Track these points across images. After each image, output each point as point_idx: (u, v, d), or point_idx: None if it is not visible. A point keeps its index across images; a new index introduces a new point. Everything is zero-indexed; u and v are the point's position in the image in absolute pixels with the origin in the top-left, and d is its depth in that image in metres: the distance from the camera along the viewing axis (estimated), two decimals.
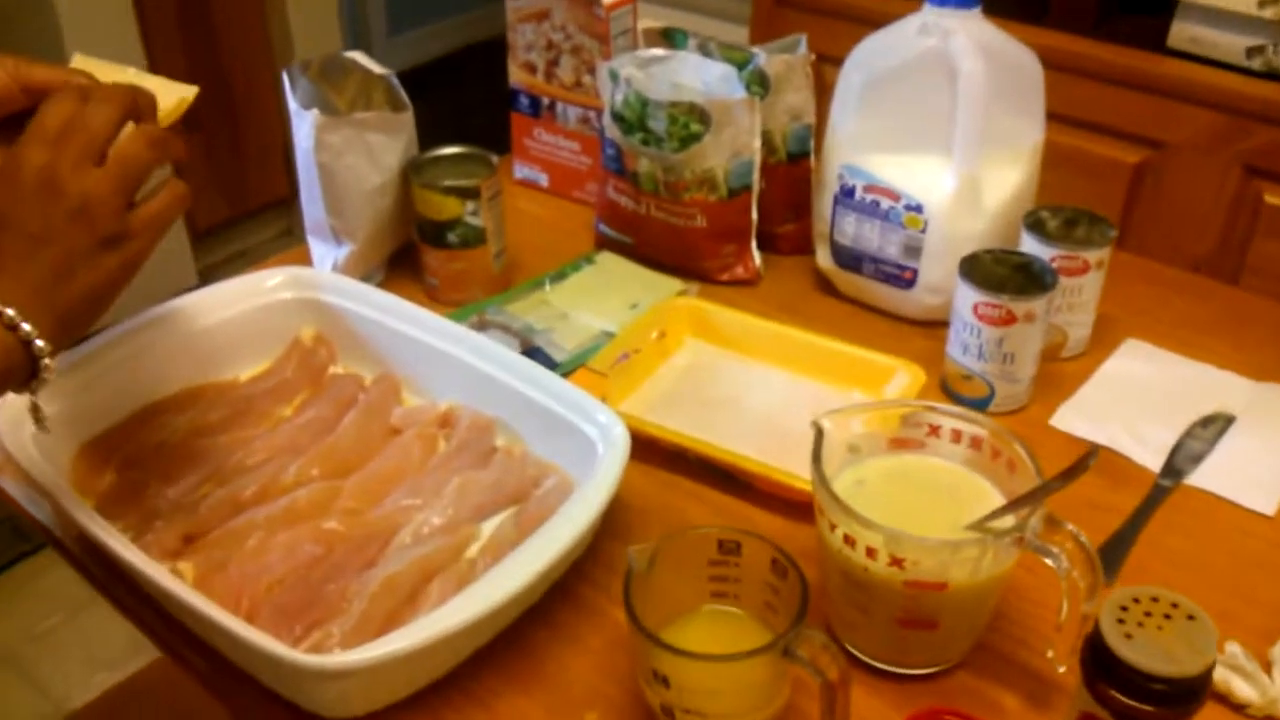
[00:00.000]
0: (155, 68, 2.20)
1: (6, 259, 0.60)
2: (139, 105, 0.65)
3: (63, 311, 0.61)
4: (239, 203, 2.53)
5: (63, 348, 0.62)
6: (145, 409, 0.86)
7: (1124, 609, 0.55)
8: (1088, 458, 0.62)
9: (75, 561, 0.79)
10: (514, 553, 0.68)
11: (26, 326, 0.59)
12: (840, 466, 0.70)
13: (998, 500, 0.68)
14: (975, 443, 0.70)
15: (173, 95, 0.70)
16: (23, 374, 0.61)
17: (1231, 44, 1.36)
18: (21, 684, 1.70)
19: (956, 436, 0.71)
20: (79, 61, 0.71)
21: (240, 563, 0.73)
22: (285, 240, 2.65)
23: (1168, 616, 0.55)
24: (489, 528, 0.78)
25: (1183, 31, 1.39)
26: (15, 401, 0.73)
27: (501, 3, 1.13)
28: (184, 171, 2.59)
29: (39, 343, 0.60)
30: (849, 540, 0.64)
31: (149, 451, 0.83)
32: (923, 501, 0.70)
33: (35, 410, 0.67)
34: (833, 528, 0.65)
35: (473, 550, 0.76)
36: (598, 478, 0.72)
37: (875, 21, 0.99)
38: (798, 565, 0.63)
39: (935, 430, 0.71)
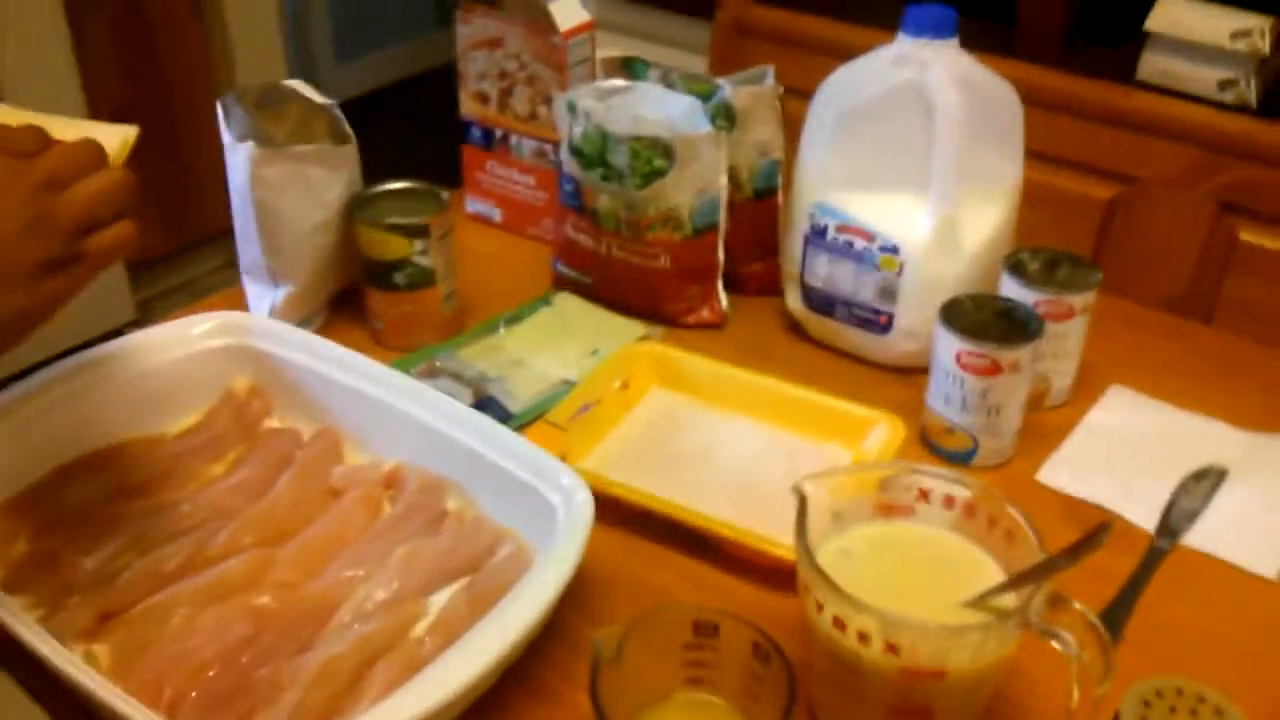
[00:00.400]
0: (91, 93, 2.14)
1: None
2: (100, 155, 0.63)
3: None
4: (179, 234, 2.44)
5: None
6: (62, 468, 0.78)
7: (1147, 704, 0.50)
8: (1099, 533, 0.56)
9: None
10: (467, 635, 0.61)
11: None
12: (824, 535, 0.64)
13: (995, 573, 0.62)
14: (969, 509, 0.65)
15: (115, 138, 0.66)
16: None
17: (1203, 77, 1.34)
18: None
19: (949, 502, 0.65)
20: (2, 114, 0.65)
21: (162, 645, 0.66)
22: (228, 273, 2.56)
23: (1194, 712, 0.50)
24: (438, 601, 0.71)
25: (1153, 63, 1.37)
26: None
27: (454, 29, 1.07)
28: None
29: None
30: (839, 623, 0.58)
31: (65, 515, 0.75)
32: (915, 575, 0.64)
33: None
34: (820, 608, 0.59)
35: (420, 628, 0.69)
36: (559, 550, 0.65)
37: (842, 53, 0.94)
38: (782, 651, 0.57)
39: (925, 495, 0.66)
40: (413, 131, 2.41)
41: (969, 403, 0.82)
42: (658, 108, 0.95)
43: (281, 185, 0.90)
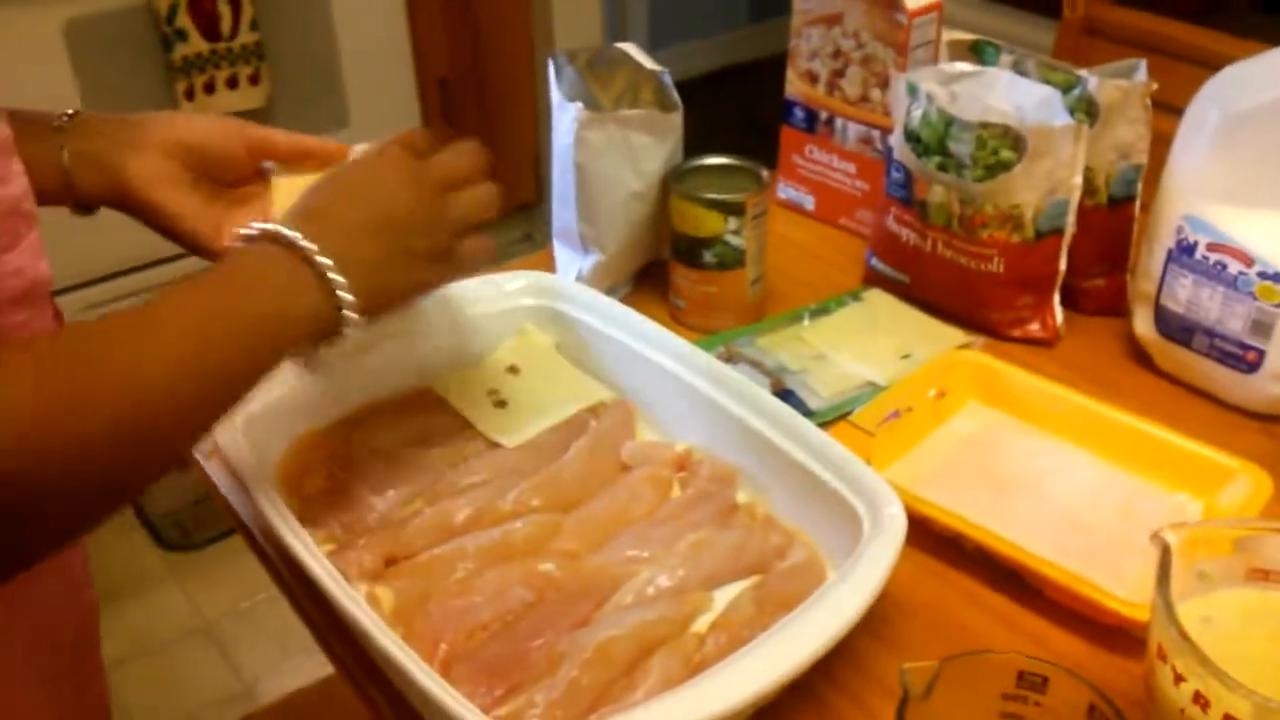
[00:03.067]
0: (419, 64, 2.23)
1: (351, 224, 0.61)
2: (483, 155, 0.69)
3: (378, 293, 0.62)
4: None
5: (364, 317, 0.62)
6: (364, 408, 0.79)
7: None
8: None
9: (268, 562, 0.73)
10: (758, 642, 0.56)
11: (340, 279, 0.59)
12: (1182, 595, 0.55)
13: None
14: None
15: None
16: (324, 327, 0.60)
17: None
18: (216, 659, 1.71)
19: None
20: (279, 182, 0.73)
21: (442, 599, 0.65)
22: (524, 246, 2.63)
23: None
24: (722, 598, 0.66)
25: None
26: None
27: (765, 24, 1.03)
28: None
29: (348, 296, 0.59)
30: (1200, 700, 0.49)
31: (363, 455, 0.76)
32: None
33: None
34: (1178, 680, 0.50)
35: (701, 623, 0.65)
36: (865, 568, 0.59)
37: (1210, 63, 0.83)
38: (1125, 718, 0.48)
39: None
40: (718, 122, 2.40)
41: None
42: (1007, 96, 0.86)
43: (603, 149, 0.87)
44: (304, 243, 0.58)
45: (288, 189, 0.70)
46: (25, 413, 0.47)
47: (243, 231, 0.60)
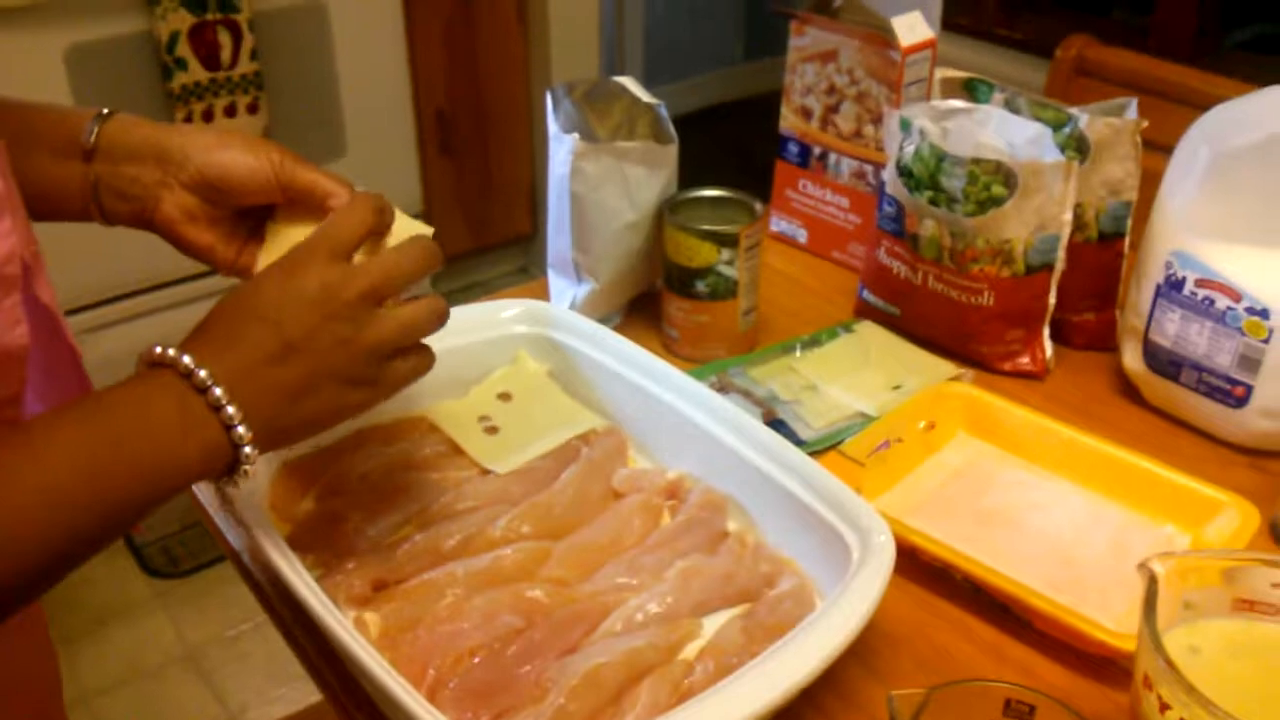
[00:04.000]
0: (418, 95, 2.25)
1: (250, 350, 0.56)
2: (433, 259, 0.62)
3: (281, 424, 0.57)
4: (479, 236, 2.54)
5: (263, 452, 0.57)
6: (355, 433, 0.79)
7: None
8: None
9: (256, 587, 0.73)
10: (745, 669, 0.56)
11: (233, 410, 0.54)
12: (1169, 625, 0.55)
13: None
14: None
15: (409, 231, 0.64)
16: (220, 463, 0.56)
17: None
18: (201, 687, 1.70)
19: None
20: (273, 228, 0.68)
21: (431, 624, 0.65)
22: (519, 278, 2.65)
23: None
24: (711, 625, 0.66)
25: None
26: None
27: (759, 62, 1.04)
28: (433, 201, 2.60)
29: (242, 430, 0.55)
30: None
31: (353, 481, 0.76)
32: (1276, 687, 0.54)
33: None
34: (1163, 708, 0.50)
35: (690, 650, 0.65)
36: (853, 596, 0.59)
37: (1199, 103, 0.84)
38: None
39: None
40: (713, 157, 2.42)
41: None
42: (999, 133, 0.88)
43: (599, 180, 0.88)
44: (197, 370, 0.54)
45: (281, 239, 0.67)
46: None
47: (141, 354, 0.56)
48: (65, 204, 0.66)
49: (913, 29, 0.96)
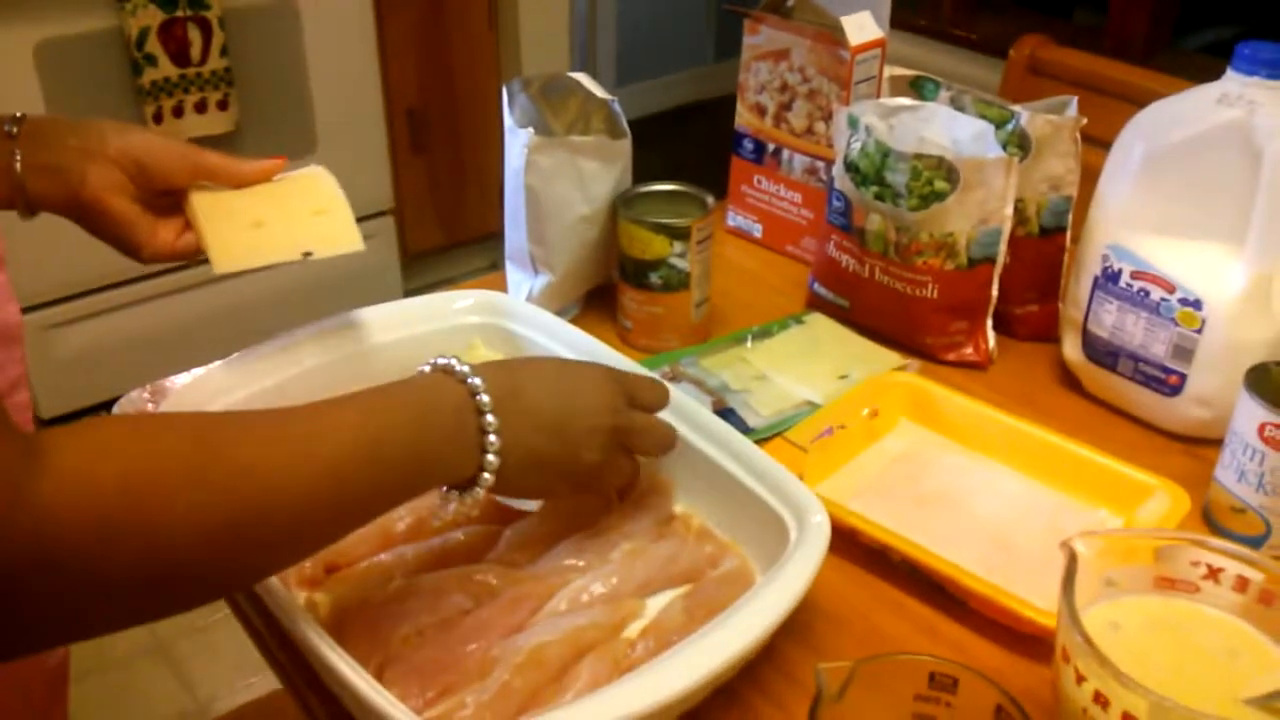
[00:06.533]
0: (389, 92, 2.26)
1: (536, 413, 0.63)
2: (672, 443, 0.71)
3: (512, 480, 0.63)
4: (451, 232, 2.55)
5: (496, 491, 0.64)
6: None
7: None
8: None
9: None
10: (683, 644, 0.58)
11: (493, 438, 0.60)
12: (1091, 601, 0.57)
13: None
14: (1265, 596, 0.56)
15: (344, 228, 0.78)
16: (458, 478, 0.61)
17: None
18: (170, 678, 1.70)
19: (1241, 585, 0.57)
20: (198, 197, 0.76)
21: (380, 605, 0.66)
22: (489, 274, 2.65)
23: None
24: (654, 605, 0.68)
25: None
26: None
27: (730, 62, 1.06)
28: (404, 199, 2.59)
29: (492, 458, 0.60)
30: (1100, 700, 0.51)
31: None
32: (1191, 662, 0.56)
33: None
34: (1080, 679, 0.52)
35: (633, 629, 0.66)
36: (789, 573, 0.61)
37: (1141, 101, 0.86)
38: (1030, 718, 0.50)
39: (1214, 574, 0.58)
40: (681, 154, 2.44)
41: (1266, 482, 0.72)
42: (944, 130, 0.90)
43: (554, 173, 0.90)
44: (482, 395, 0.60)
45: (209, 203, 0.75)
46: (110, 490, 0.45)
47: (427, 363, 0.62)
48: None
49: (862, 28, 0.98)
